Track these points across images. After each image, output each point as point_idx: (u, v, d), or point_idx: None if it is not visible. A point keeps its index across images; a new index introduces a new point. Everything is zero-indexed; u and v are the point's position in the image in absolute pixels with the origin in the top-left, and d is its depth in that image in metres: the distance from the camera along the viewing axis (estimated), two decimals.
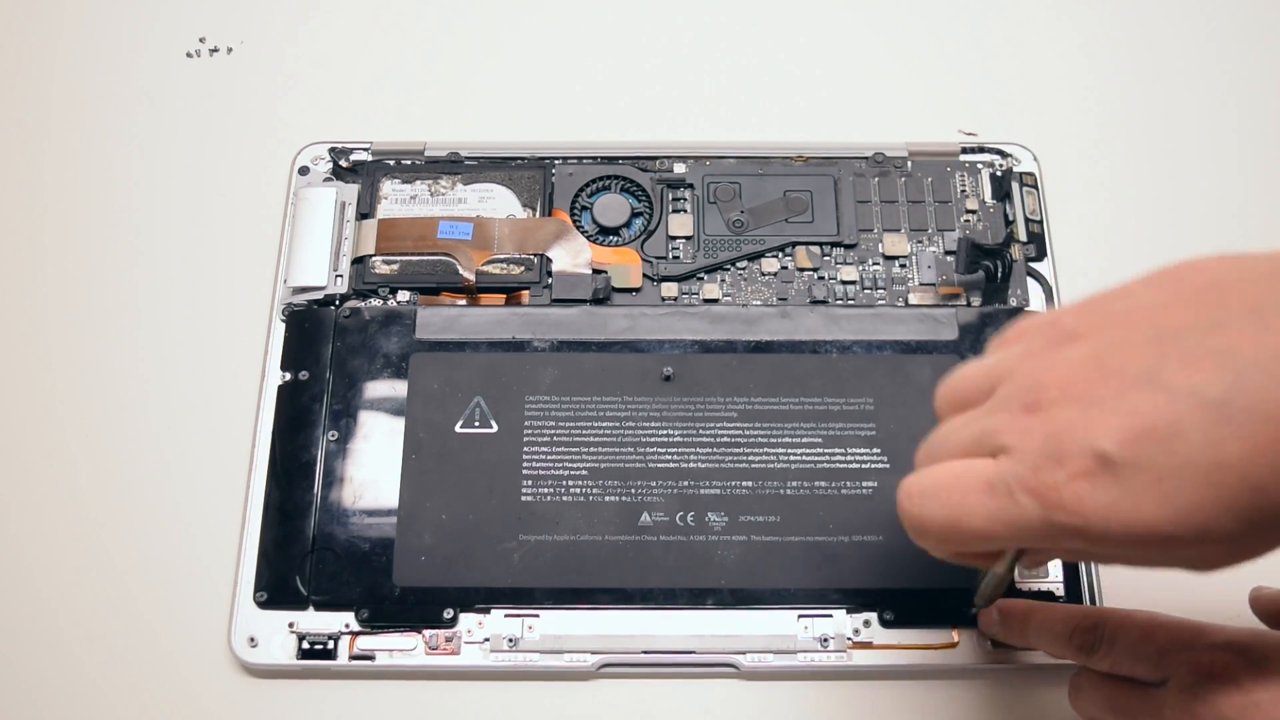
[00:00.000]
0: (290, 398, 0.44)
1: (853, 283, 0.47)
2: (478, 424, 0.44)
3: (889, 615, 0.41)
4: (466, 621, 0.41)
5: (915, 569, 0.41)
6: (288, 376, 0.45)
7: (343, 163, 0.49)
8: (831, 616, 0.41)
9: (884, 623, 0.41)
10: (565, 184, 0.49)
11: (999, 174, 0.49)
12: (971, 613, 0.41)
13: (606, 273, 0.47)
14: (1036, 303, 0.47)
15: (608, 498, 0.42)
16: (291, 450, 0.43)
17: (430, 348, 0.45)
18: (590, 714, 0.41)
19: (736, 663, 0.41)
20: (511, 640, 0.41)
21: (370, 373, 0.45)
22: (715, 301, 0.46)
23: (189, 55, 0.54)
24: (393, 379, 0.44)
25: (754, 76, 0.53)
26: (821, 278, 0.47)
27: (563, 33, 0.54)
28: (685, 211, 0.48)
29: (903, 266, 0.47)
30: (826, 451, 0.43)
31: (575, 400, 0.44)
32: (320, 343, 0.45)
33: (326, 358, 0.45)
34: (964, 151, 0.49)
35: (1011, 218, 0.48)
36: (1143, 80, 0.53)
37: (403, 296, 0.46)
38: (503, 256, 0.47)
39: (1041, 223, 0.48)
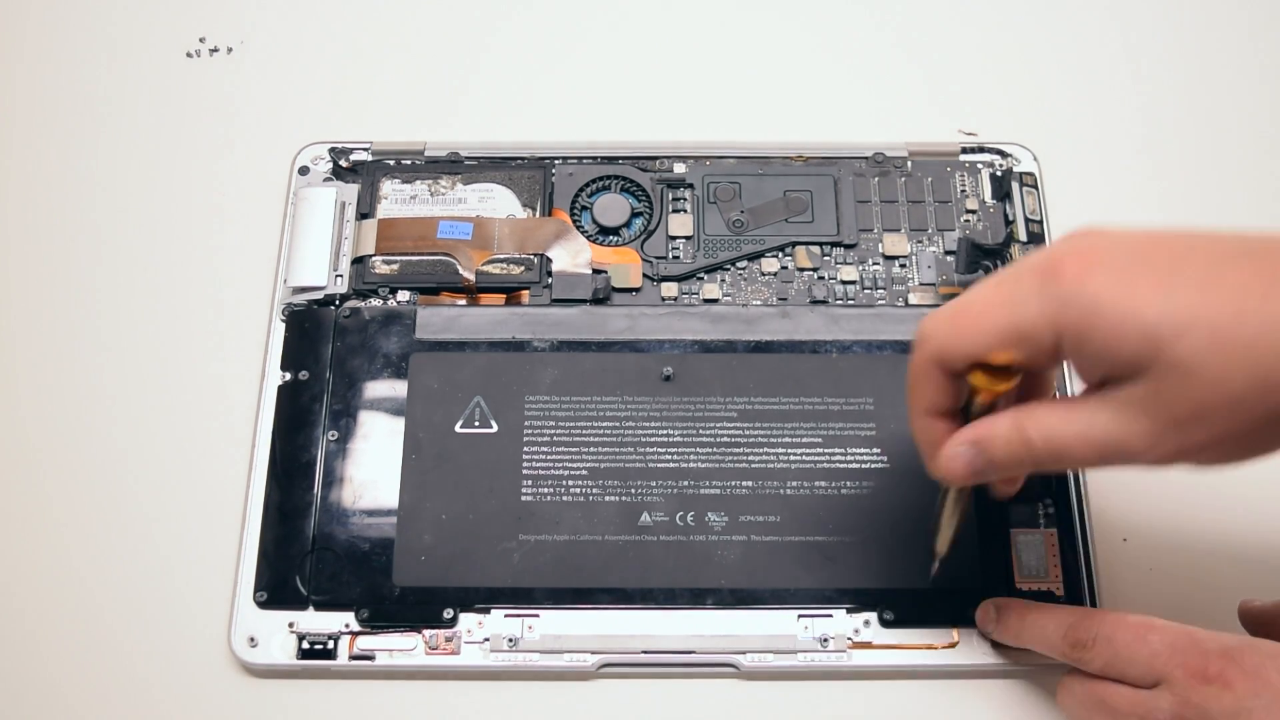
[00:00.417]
0: (290, 398, 0.44)
1: (853, 283, 0.47)
2: (478, 424, 0.44)
3: (889, 615, 0.41)
4: (466, 621, 0.41)
5: (915, 569, 0.41)
6: (288, 376, 0.45)
7: (343, 163, 0.49)
8: (831, 616, 0.41)
9: (884, 623, 0.41)
10: (565, 184, 0.49)
11: (999, 174, 0.49)
12: (931, 577, 0.40)
13: (606, 273, 0.47)
14: None
15: (608, 498, 0.42)
16: (291, 450, 0.43)
17: (430, 348, 0.45)
18: (590, 714, 0.41)
19: (736, 663, 0.41)
20: (511, 640, 0.41)
21: (370, 373, 0.45)
22: (715, 301, 0.46)
23: (189, 55, 0.54)
24: (393, 379, 0.44)
25: (754, 76, 0.53)
26: (821, 278, 0.47)
27: (562, 33, 0.54)
28: (685, 211, 0.48)
29: (903, 266, 0.47)
30: (826, 451, 0.43)
31: (575, 400, 0.44)
32: (320, 343, 0.45)
33: (326, 358, 0.45)
34: (964, 151, 0.49)
35: (1011, 218, 0.48)
36: (1142, 81, 0.53)
37: (403, 296, 0.46)
38: (503, 256, 0.47)
39: (1041, 223, 0.48)
